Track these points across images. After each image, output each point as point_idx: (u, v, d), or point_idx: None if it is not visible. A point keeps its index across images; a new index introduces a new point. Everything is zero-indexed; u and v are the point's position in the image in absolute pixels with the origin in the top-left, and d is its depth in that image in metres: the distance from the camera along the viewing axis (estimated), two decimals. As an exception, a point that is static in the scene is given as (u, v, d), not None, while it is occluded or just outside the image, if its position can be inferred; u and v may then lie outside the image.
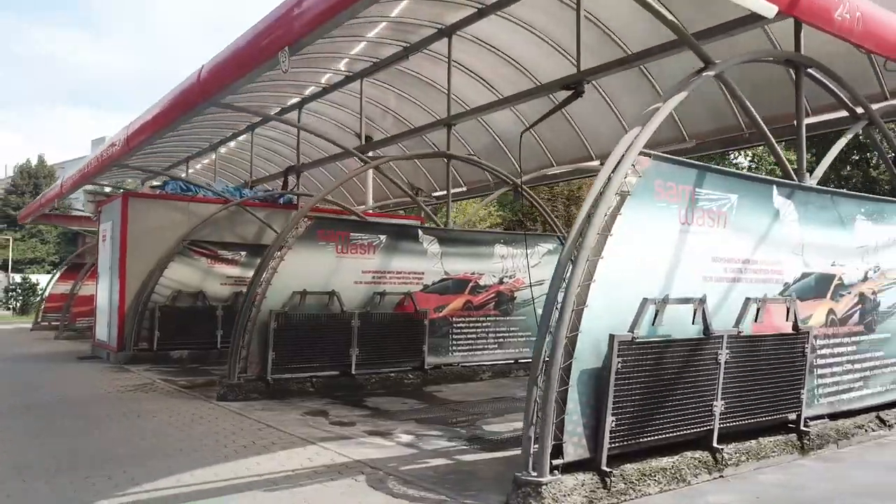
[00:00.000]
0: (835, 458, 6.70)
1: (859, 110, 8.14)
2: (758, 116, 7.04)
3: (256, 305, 10.00)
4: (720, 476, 5.87)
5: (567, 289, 5.15)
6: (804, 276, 7.17)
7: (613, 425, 5.18)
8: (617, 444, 5.26)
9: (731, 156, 33.47)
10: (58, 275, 24.55)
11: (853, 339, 7.70)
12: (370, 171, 16.49)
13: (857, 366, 7.69)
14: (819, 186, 7.53)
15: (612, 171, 5.49)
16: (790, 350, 6.58)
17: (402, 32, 12.29)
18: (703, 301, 5.72)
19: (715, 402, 5.89)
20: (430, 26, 11.74)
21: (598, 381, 5.23)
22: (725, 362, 5.95)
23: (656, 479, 5.43)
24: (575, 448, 5.11)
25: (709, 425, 5.90)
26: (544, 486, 4.84)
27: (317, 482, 5.70)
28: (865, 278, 7.95)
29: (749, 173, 7.79)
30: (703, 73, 6.34)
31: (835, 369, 7.40)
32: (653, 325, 5.45)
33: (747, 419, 6.26)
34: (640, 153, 5.64)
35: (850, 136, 8.12)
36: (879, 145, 8.64)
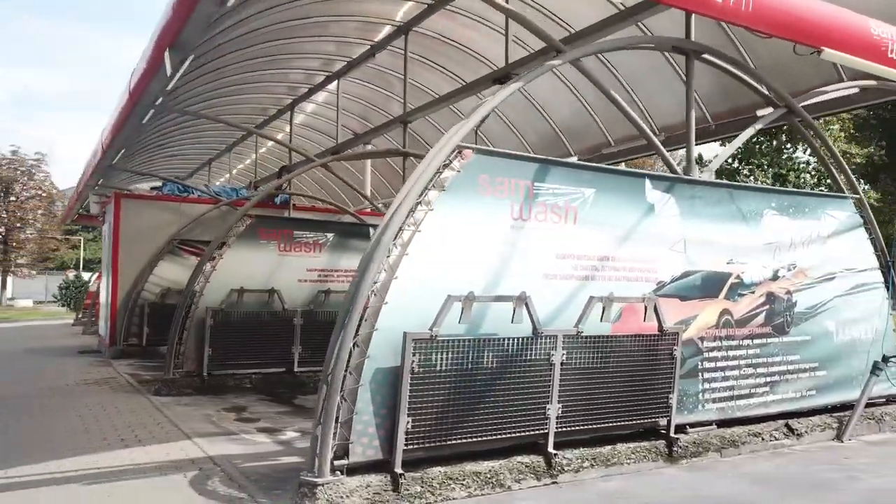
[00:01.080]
0: (705, 467, 6.31)
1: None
2: (632, 112, 6.71)
3: (195, 303, 10.23)
4: (553, 482, 5.63)
5: (358, 285, 5.05)
6: (686, 274, 6.78)
7: (410, 427, 5.03)
8: (417, 447, 5.12)
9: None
10: (96, 273, 25.80)
11: (757, 341, 7.23)
12: (367, 167, 16.63)
13: (762, 370, 7.23)
14: (711, 180, 7.10)
15: (428, 165, 5.35)
16: (653, 352, 6.23)
17: (368, 31, 12.34)
18: (523, 298, 5.48)
19: (549, 405, 5.64)
20: (389, 24, 11.74)
21: (397, 381, 5.10)
22: (563, 363, 5.69)
23: (465, 483, 5.25)
24: (365, 449, 5.00)
25: (543, 429, 5.65)
26: (319, 487, 4.76)
27: (147, 477, 5.78)
28: (775, 277, 7.45)
29: (612, 167, 7.38)
30: (552, 61, 6.09)
31: (729, 373, 6.97)
32: (459, 322, 5.25)
33: (597, 423, 5.97)
34: (460, 146, 5.47)
35: (760, 125, 7.62)
36: (805, 133, 8.07)
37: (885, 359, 7.87)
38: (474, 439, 5.37)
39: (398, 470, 4.99)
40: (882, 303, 8.28)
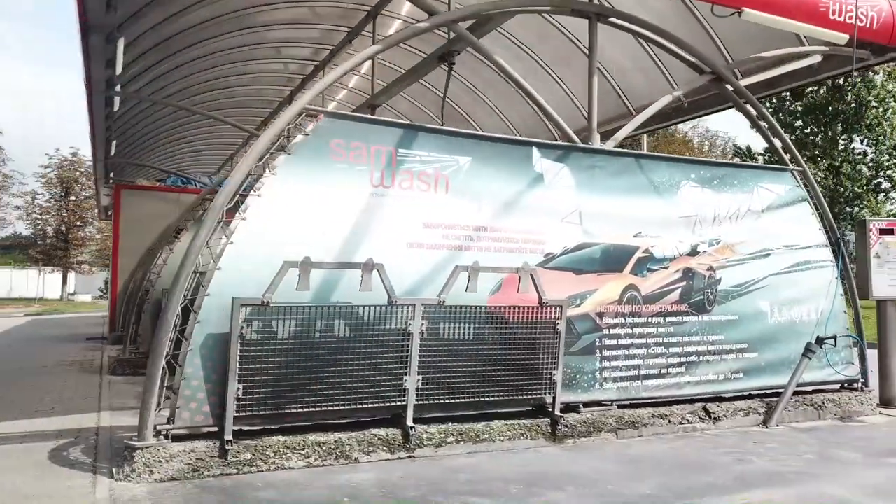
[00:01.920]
0: (590, 447, 6.01)
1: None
2: (526, 85, 6.45)
3: (152, 286, 10.43)
4: (409, 457, 5.46)
5: (189, 248, 5.01)
6: (582, 247, 6.47)
7: (241, 394, 4.94)
8: (251, 414, 5.03)
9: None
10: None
11: (671, 319, 6.84)
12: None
13: (676, 350, 6.84)
14: (610, 149, 6.75)
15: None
16: (532, 326, 5.95)
17: (347, 19, 12.30)
18: (370, 265, 5.32)
19: (407, 377, 5.46)
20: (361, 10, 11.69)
21: (229, 347, 5.02)
22: (423, 334, 5.50)
23: (305, 453, 5.14)
24: (193, 414, 4.94)
25: (401, 401, 5.48)
26: (138, 451, 4.73)
27: (26, 442, 5.87)
28: (694, 252, 7.04)
29: (492, 134, 7.11)
30: (420, 24, 5.91)
31: (634, 351, 6.62)
32: (297, 289, 5.13)
33: (468, 398, 5.75)
34: (307, 109, 5.36)
35: (679, 92, 7.22)
36: (738, 100, 7.59)
37: (820, 341, 7.34)
38: (320, 409, 5.24)
39: (227, 437, 4.91)
40: (830, 282, 7.72)
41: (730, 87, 7.46)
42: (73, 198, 54.23)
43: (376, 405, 5.43)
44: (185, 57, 11.73)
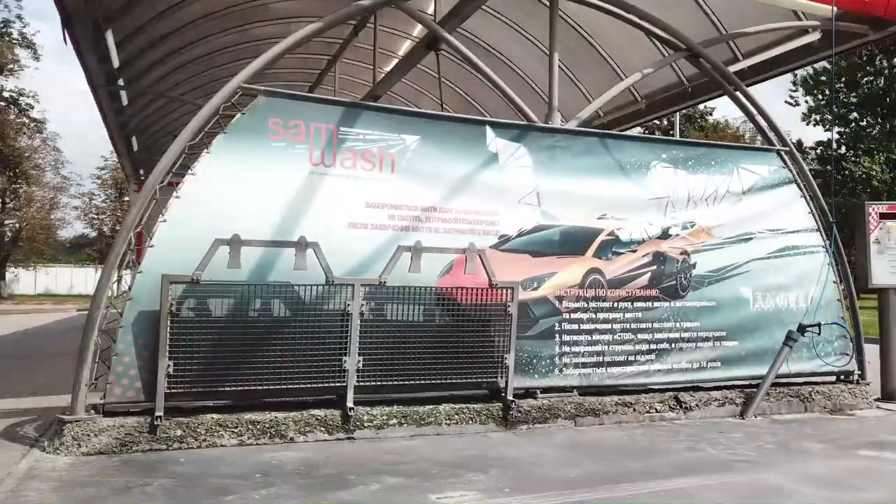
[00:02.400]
0: (542, 433, 5.85)
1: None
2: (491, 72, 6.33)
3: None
4: (348, 438, 5.40)
5: (122, 226, 5.06)
6: (539, 228, 6.29)
7: (171, 371, 4.96)
8: (183, 391, 5.05)
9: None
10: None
11: (640, 304, 6.60)
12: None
13: (645, 336, 6.60)
14: (572, 128, 6.55)
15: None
16: (482, 308, 5.82)
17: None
18: (303, 244, 5.28)
19: (346, 358, 5.41)
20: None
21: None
22: (363, 314, 5.44)
23: (238, 431, 5.14)
24: (125, 390, 4.99)
25: (341, 382, 5.42)
26: (67, 425, 4.81)
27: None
28: (666, 235, 6.77)
29: (442, 112, 6.94)
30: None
31: (598, 337, 6.41)
32: (228, 267, 5.13)
33: (414, 381, 5.65)
34: (243, 87, 5.36)
35: (659, 67, 6.96)
36: (714, 75, 7.27)
37: (802, 328, 6.96)
38: (257, 388, 5.23)
39: (158, 413, 4.94)
40: (821, 268, 7.33)
41: (708, 65, 7.16)
42: (126, 198, 56.18)
43: (315, 385, 5.38)
44: (192, 53, 11.94)
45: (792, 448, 5.45)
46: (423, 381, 5.69)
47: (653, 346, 6.63)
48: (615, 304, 6.51)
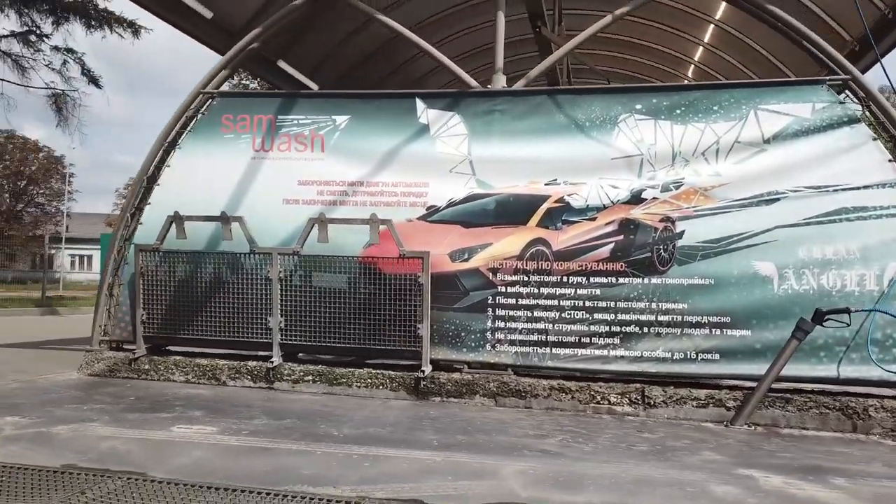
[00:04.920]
0: (442, 406, 5.65)
1: None
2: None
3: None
4: (269, 387, 6.16)
5: (122, 210, 6.74)
6: (472, 198, 6.02)
7: (144, 318, 6.45)
8: (155, 334, 6.48)
9: None
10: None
11: (598, 279, 5.76)
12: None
13: (605, 316, 5.74)
14: (517, 89, 6.01)
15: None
16: (395, 278, 5.92)
17: None
18: (227, 218, 6.19)
19: (271, 318, 6.18)
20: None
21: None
22: (282, 279, 6.14)
23: (186, 371, 6.34)
24: (121, 332, 6.63)
25: (268, 339, 6.22)
26: (85, 354, 6.66)
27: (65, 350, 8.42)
28: (638, 199, 5.74)
29: (372, 91, 6.35)
30: None
31: (541, 314, 5.84)
32: (176, 238, 6.35)
33: (334, 343, 6.10)
34: (202, 93, 6.58)
35: (604, 23, 5.91)
36: None
37: (821, 315, 5.08)
38: (204, 338, 6.38)
39: (137, 351, 6.47)
40: (912, 237, 5.26)
41: None
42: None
43: (249, 340, 6.28)
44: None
45: (681, 461, 4.31)
46: (343, 345, 6.08)
47: (615, 329, 5.71)
48: (564, 279, 5.82)
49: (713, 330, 5.54)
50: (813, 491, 3.64)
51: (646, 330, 5.65)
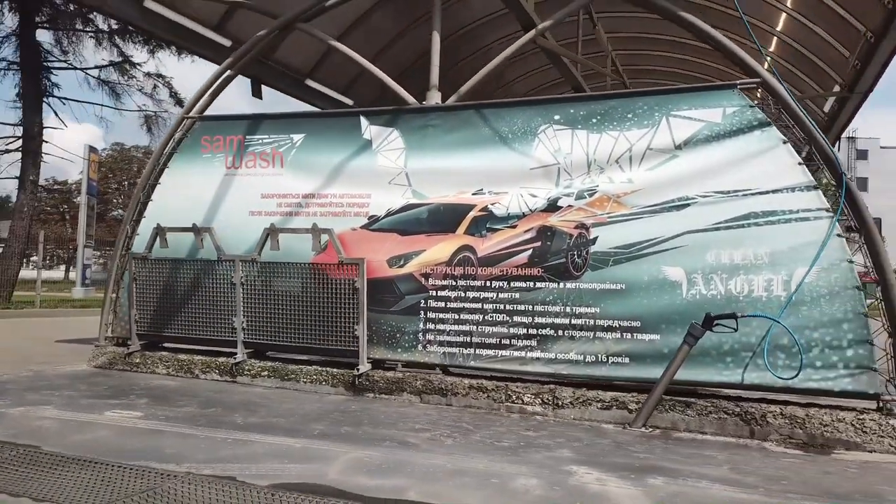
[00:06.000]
0: (372, 401, 6.09)
1: None
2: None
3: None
4: (232, 381, 6.85)
5: (124, 221, 7.68)
6: (408, 207, 6.42)
7: (137, 317, 7.34)
8: (146, 332, 7.35)
9: None
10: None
11: (517, 284, 6.01)
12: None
13: (523, 319, 5.97)
14: (442, 104, 6.33)
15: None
16: (335, 282, 6.44)
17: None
18: (198, 229, 6.93)
19: (235, 318, 6.88)
20: None
21: (136, 286, 7.47)
22: (244, 284, 6.82)
23: (167, 364, 7.16)
24: (122, 329, 7.55)
25: (233, 337, 6.92)
26: (92, 347, 7.64)
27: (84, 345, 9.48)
28: (554, 207, 5.93)
29: (325, 110, 6.68)
30: None
31: (466, 317, 6.16)
32: (161, 248, 7.17)
33: (290, 343, 6.66)
34: (185, 117, 7.39)
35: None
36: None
37: (710, 320, 5.06)
38: (184, 335, 7.18)
39: (132, 346, 7.37)
40: (820, 241, 5.16)
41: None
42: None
43: (219, 338, 7.01)
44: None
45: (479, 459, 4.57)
46: (295, 344, 6.67)
47: (532, 332, 5.93)
48: (488, 283, 6.11)
49: (623, 334, 5.65)
50: (614, 487, 3.82)
51: (560, 333, 5.84)
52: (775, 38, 9.98)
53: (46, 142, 18.25)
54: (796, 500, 3.69)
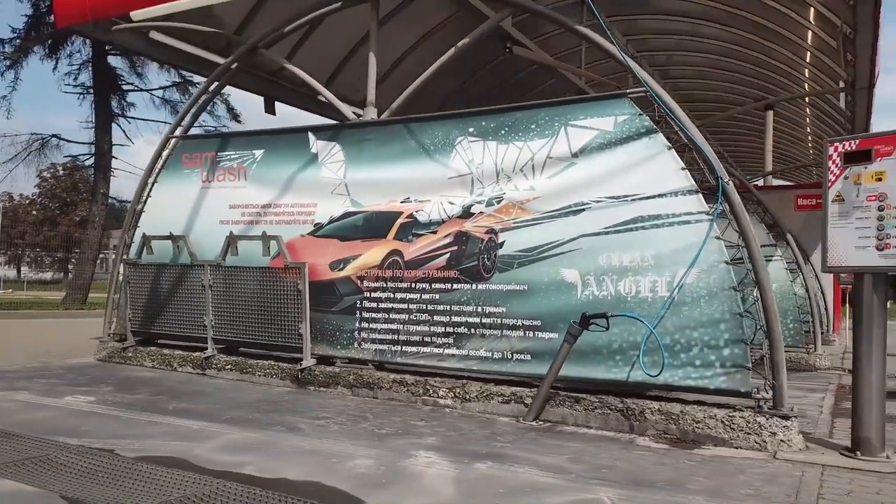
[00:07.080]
0: (313, 394, 6.68)
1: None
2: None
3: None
4: (203, 373, 7.62)
5: (123, 233, 8.62)
6: (347, 215, 6.97)
7: (131, 315, 8.25)
8: (138, 329, 8.25)
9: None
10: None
11: (437, 286, 6.44)
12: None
13: (441, 318, 6.40)
14: (380, 119, 6.82)
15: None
16: (282, 284, 7.08)
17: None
18: (175, 237, 7.74)
19: (206, 317, 7.65)
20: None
21: (132, 288, 8.38)
22: (212, 286, 7.58)
23: (152, 358, 8.02)
24: (121, 325, 8.49)
25: (204, 334, 7.69)
26: (98, 343, 8.63)
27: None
28: (468, 214, 6.32)
29: (279, 127, 7.16)
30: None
31: (395, 316, 6.65)
32: (147, 254, 8.04)
33: (250, 339, 7.39)
34: (169, 137, 8.25)
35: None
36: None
37: (586, 319, 5.30)
38: (168, 332, 8.03)
39: (127, 342, 8.29)
40: (701, 243, 5.35)
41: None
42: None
43: (194, 335, 7.80)
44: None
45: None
46: (253, 340, 7.38)
47: (449, 330, 6.35)
48: (412, 285, 6.58)
49: (526, 332, 5.99)
50: (437, 469, 4.22)
51: (473, 331, 6.23)
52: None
53: (115, 157, 19.94)
54: (595, 485, 3.98)
